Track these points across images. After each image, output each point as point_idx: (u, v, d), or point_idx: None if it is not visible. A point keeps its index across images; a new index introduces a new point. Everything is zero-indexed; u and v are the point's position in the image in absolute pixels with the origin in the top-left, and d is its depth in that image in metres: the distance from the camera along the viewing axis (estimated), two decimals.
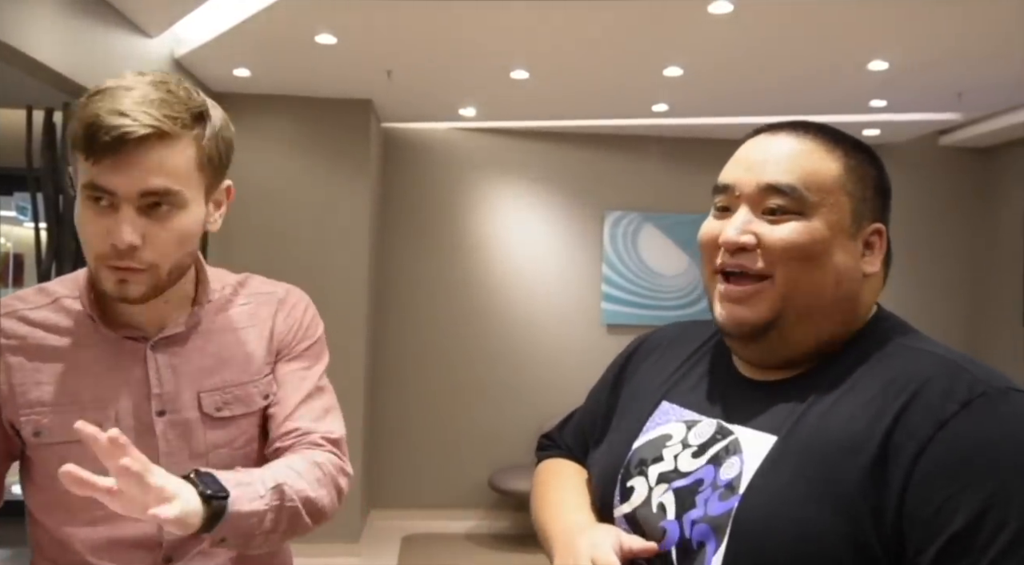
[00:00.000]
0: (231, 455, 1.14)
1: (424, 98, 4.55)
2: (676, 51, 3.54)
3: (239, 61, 3.86)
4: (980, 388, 0.79)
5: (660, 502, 0.91)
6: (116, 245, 1.00)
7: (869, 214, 0.91)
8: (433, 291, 5.29)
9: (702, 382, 0.99)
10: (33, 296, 1.12)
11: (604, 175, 5.37)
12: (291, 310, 1.24)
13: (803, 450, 0.83)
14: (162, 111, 1.00)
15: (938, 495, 0.75)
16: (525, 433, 5.30)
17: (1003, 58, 3.49)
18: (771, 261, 0.88)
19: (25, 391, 1.07)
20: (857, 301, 0.90)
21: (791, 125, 0.93)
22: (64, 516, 1.08)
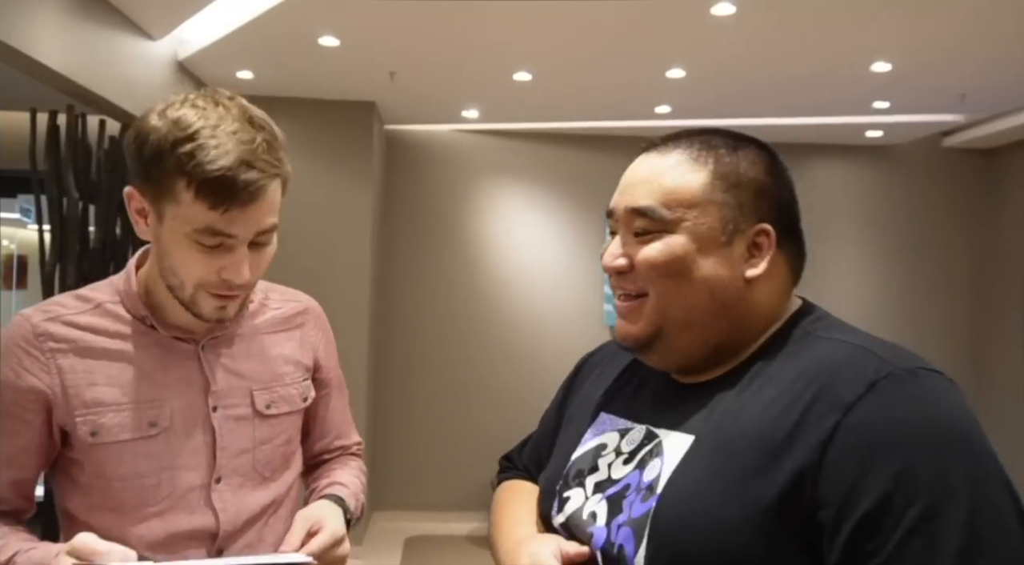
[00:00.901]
0: (272, 451, 1.20)
1: (427, 100, 4.56)
2: (679, 53, 3.54)
3: (242, 63, 3.87)
4: (886, 370, 0.79)
5: (592, 510, 0.93)
6: (231, 279, 1.06)
7: (748, 217, 0.90)
8: (436, 292, 5.29)
9: (638, 391, 1.02)
10: (73, 302, 1.15)
11: (606, 176, 5.31)
12: (317, 320, 1.33)
13: (716, 447, 0.85)
14: (274, 155, 1.05)
15: (847, 479, 0.76)
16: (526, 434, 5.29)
17: (1006, 59, 3.48)
18: (643, 280, 0.92)
19: (80, 392, 1.09)
20: (745, 304, 0.91)
21: (667, 140, 0.96)
22: (115, 514, 1.10)
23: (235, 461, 1.16)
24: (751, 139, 0.97)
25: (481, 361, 5.31)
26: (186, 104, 1.04)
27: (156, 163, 1.02)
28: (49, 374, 1.09)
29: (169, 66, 3.66)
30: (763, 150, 0.96)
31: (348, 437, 1.40)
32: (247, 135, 1.03)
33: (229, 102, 1.06)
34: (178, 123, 1.02)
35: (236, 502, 1.15)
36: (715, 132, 0.96)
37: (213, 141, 1.00)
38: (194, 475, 1.13)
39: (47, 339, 1.10)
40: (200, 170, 1.00)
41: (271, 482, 1.20)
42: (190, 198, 1.01)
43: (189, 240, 1.04)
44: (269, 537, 1.18)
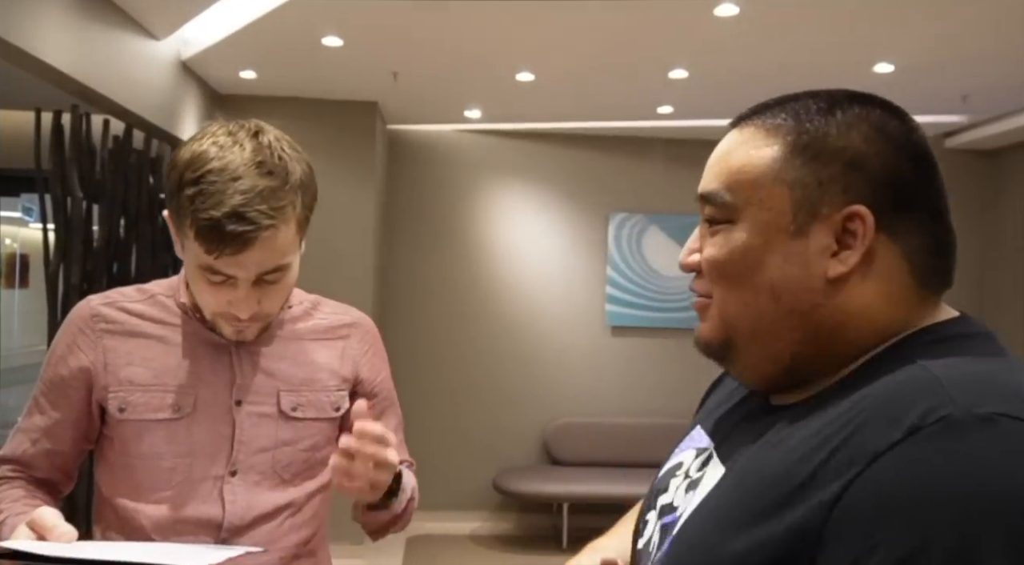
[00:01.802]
0: (294, 454, 1.22)
1: (430, 100, 4.57)
2: (681, 53, 3.55)
3: (246, 63, 3.88)
4: (941, 412, 0.59)
5: (653, 539, 0.81)
6: (236, 314, 1.12)
7: (833, 197, 0.70)
8: (438, 292, 5.30)
9: (737, 406, 0.85)
10: (133, 293, 1.24)
11: (608, 177, 5.38)
12: (365, 335, 1.35)
13: (735, 485, 0.71)
14: (273, 204, 1.07)
15: (847, 555, 0.58)
16: (529, 434, 5.31)
17: (1008, 60, 3.49)
18: (708, 281, 0.77)
19: (117, 369, 1.17)
20: (828, 312, 0.71)
21: (752, 112, 0.79)
22: (132, 493, 1.16)
23: (254, 458, 1.18)
24: (864, 97, 0.75)
25: (483, 361, 5.32)
26: (209, 139, 1.09)
27: (174, 197, 1.09)
28: (95, 351, 1.18)
29: (172, 66, 3.66)
30: (876, 111, 0.73)
31: (400, 454, 1.35)
32: (247, 183, 1.06)
33: (248, 141, 1.09)
34: (193, 161, 1.07)
35: (247, 498, 1.17)
36: (821, 93, 0.76)
37: (213, 188, 1.04)
38: (210, 465, 1.17)
39: (100, 320, 1.19)
40: (196, 216, 1.05)
41: (290, 486, 1.21)
42: (192, 236, 1.07)
43: (198, 272, 1.11)
44: (280, 541, 1.19)
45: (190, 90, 3.94)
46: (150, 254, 3.34)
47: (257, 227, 1.05)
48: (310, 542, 1.25)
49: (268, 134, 1.11)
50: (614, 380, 5.39)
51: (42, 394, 1.20)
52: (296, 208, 1.10)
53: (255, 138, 1.09)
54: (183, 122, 3.81)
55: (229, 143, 1.08)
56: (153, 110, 3.37)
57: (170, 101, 3.66)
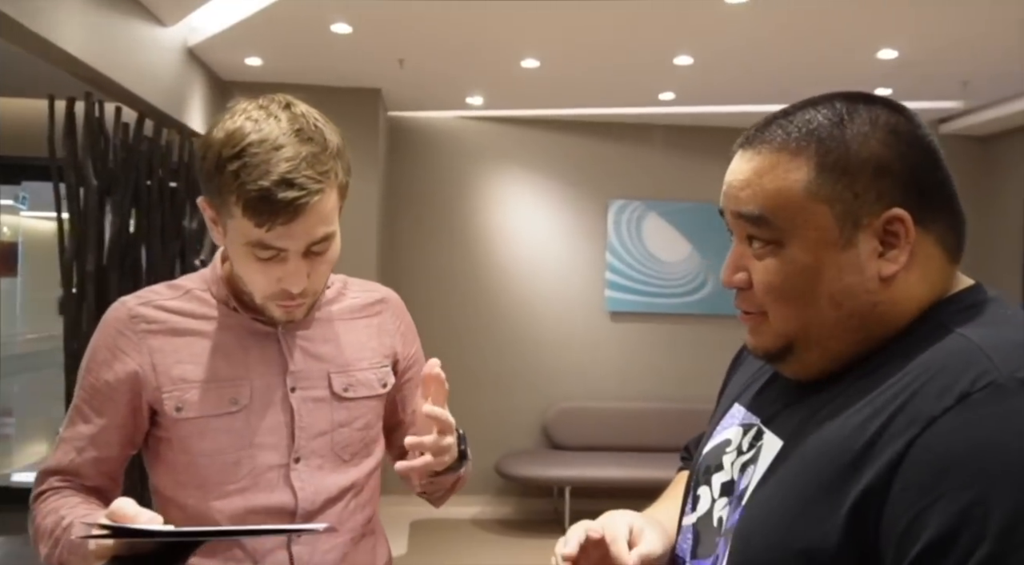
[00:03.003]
0: (350, 434, 1.23)
1: (433, 87, 4.57)
2: (687, 40, 3.57)
3: (252, 50, 3.86)
4: (988, 378, 0.65)
5: (720, 516, 0.86)
6: (289, 289, 1.10)
7: (870, 206, 0.75)
8: (440, 278, 5.32)
9: (772, 381, 0.91)
10: (165, 290, 1.21)
11: (608, 163, 5.40)
12: (397, 311, 1.35)
13: (795, 457, 0.76)
14: (319, 169, 1.06)
15: (911, 509, 0.64)
16: (531, 419, 5.36)
17: (1008, 47, 3.54)
18: (761, 302, 0.81)
19: (167, 369, 1.15)
20: (884, 307, 0.77)
21: (762, 127, 0.82)
22: (200, 491, 1.16)
23: (313, 442, 1.19)
24: (864, 99, 0.80)
25: (485, 347, 5.35)
26: (242, 115, 1.07)
27: (213, 178, 1.07)
28: (141, 353, 1.16)
29: (179, 53, 3.65)
30: (882, 112, 0.78)
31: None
32: (291, 151, 1.05)
33: (282, 112, 1.08)
34: (230, 138, 1.05)
35: (315, 482, 1.18)
36: (818, 103, 0.80)
37: (256, 159, 1.03)
38: (273, 454, 1.17)
39: (140, 321, 1.17)
40: (243, 189, 1.03)
41: (350, 466, 1.22)
42: (239, 214, 1.05)
43: (246, 251, 1.09)
44: (348, 521, 1.21)
45: (195, 77, 3.92)
46: (160, 243, 3.34)
47: (307, 192, 1.04)
48: (372, 520, 1.27)
49: (299, 105, 1.10)
50: (614, 365, 5.44)
51: (84, 401, 1.17)
52: (338, 174, 1.10)
53: (288, 109, 1.08)
54: (189, 109, 3.80)
55: (264, 116, 1.06)
56: (161, 98, 3.36)
57: (177, 88, 3.64)
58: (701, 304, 5.43)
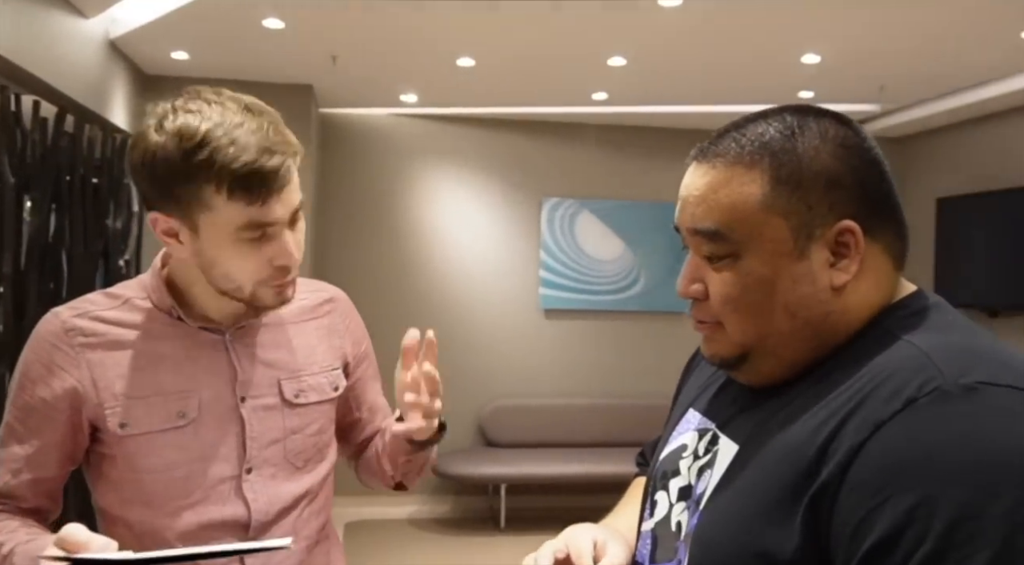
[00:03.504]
0: (303, 441, 1.20)
1: (366, 84, 4.52)
2: (622, 42, 3.62)
3: (179, 44, 3.75)
4: (933, 384, 0.68)
5: (678, 521, 0.87)
6: (286, 266, 1.07)
7: (823, 218, 0.77)
8: (372, 277, 5.26)
9: (726, 387, 0.92)
10: (102, 299, 1.16)
11: (542, 162, 5.44)
12: (346, 310, 1.34)
13: (752, 461, 0.78)
14: (285, 134, 1.05)
15: (859, 511, 0.66)
16: (465, 418, 5.35)
17: (922, 53, 3.71)
18: (717, 313, 0.82)
19: (109, 384, 1.10)
20: (836, 316, 0.79)
21: (716, 141, 0.83)
22: (147, 508, 1.11)
23: (266, 451, 1.16)
24: (814, 113, 0.81)
25: None
26: (179, 112, 1.03)
27: (176, 179, 1.02)
28: (79, 368, 1.10)
29: (101, 46, 3.51)
30: (831, 126, 0.80)
31: (387, 418, 1.43)
32: (253, 123, 1.03)
33: (217, 97, 1.05)
34: (182, 133, 1.01)
35: (268, 493, 1.16)
36: (768, 116, 0.81)
37: (226, 139, 1.00)
38: (224, 466, 1.13)
39: (76, 334, 1.11)
40: (226, 171, 1.00)
41: (304, 473, 1.20)
42: (223, 201, 1.02)
43: (233, 241, 1.05)
44: (303, 529, 1.19)
45: (118, 71, 3.79)
46: (83, 243, 3.22)
47: (287, 155, 1.03)
48: (326, 525, 1.26)
49: (221, 91, 1.07)
50: (548, 362, 5.48)
51: (18, 421, 1.10)
52: (296, 140, 1.09)
53: (220, 94, 1.05)
54: (112, 104, 3.67)
55: (201, 106, 1.03)
56: (82, 92, 3.23)
57: (99, 82, 3.51)
58: (634, 301, 5.52)
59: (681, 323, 5.55)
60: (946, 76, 4.12)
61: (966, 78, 4.16)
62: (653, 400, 5.42)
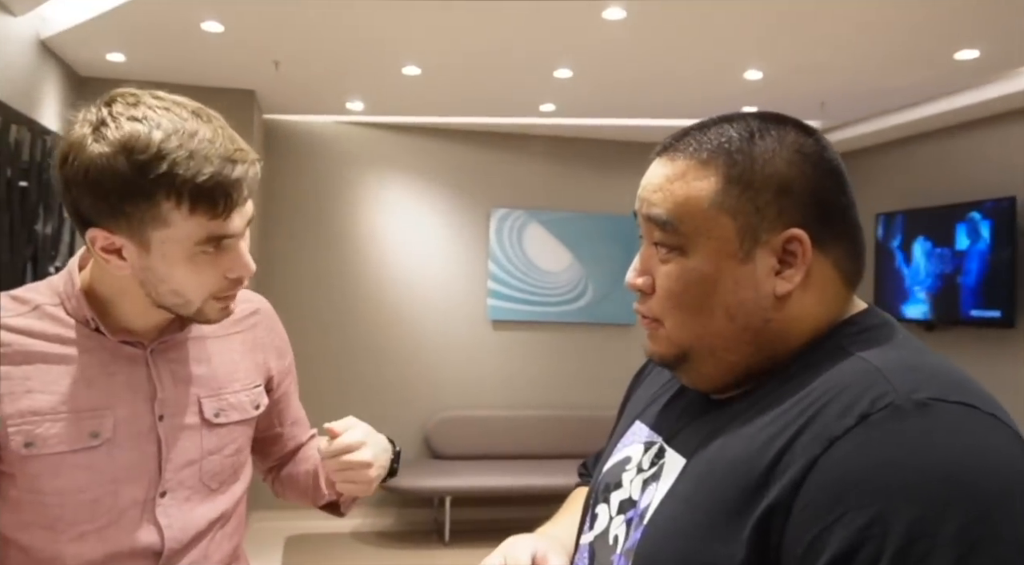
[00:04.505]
0: (220, 462, 1.14)
1: (311, 90, 4.45)
2: (567, 53, 3.63)
3: (114, 45, 3.65)
4: (886, 400, 0.67)
5: (616, 534, 0.85)
6: (241, 277, 1.02)
7: (771, 223, 0.77)
8: (316, 287, 5.18)
9: (674, 399, 0.92)
10: (9, 303, 1.05)
11: (490, 172, 5.42)
12: (270, 322, 1.27)
13: (698, 475, 0.76)
14: (238, 141, 0.99)
15: (812, 528, 0.65)
16: (410, 430, 5.29)
17: (861, 71, 3.78)
18: (658, 308, 0.82)
19: (14, 400, 1.01)
20: (776, 325, 0.78)
21: (680, 136, 0.83)
22: (48, 532, 1.03)
23: (181, 473, 1.09)
24: (776, 119, 0.81)
25: (364, 355, 5.25)
26: (121, 119, 0.94)
27: (126, 195, 0.94)
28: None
29: (31, 45, 3.40)
30: (791, 133, 0.80)
31: (308, 430, 1.40)
32: (208, 131, 0.96)
33: (163, 102, 0.97)
34: (132, 145, 0.92)
35: (182, 517, 1.09)
36: (733, 120, 0.81)
37: (183, 152, 0.93)
38: (137, 489, 1.06)
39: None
40: (189, 185, 0.93)
41: (218, 495, 1.14)
42: (183, 216, 0.95)
43: (188, 256, 0.98)
44: (215, 554, 1.13)
45: (49, 72, 3.67)
46: (9, 248, 3.09)
47: (248, 163, 0.98)
48: (238, 548, 1.20)
49: (160, 94, 0.99)
50: (496, 373, 5.45)
51: None
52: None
53: (159, 99, 0.97)
54: (42, 105, 3.54)
55: (148, 112, 0.94)
56: (9, 92, 3.11)
57: (28, 83, 3.39)
58: (582, 312, 5.52)
59: (628, 335, 5.58)
60: (885, 94, 4.21)
61: (904, 97, 4.26)
62: (600, 412, 5.42)
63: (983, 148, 4.30)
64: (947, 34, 3.22)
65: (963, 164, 4.43)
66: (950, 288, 4.28)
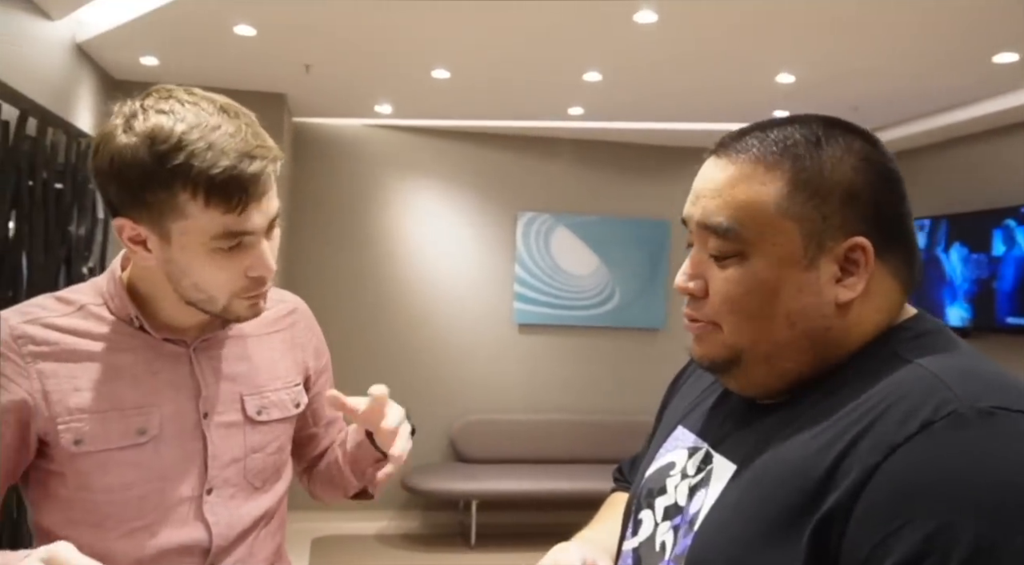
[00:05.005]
0: (264, 459, 1.15)
1: (340, 94, 4.48)
2: (598, 57, 3.61)
3: (148, 49, 3.69)
4: (949, 408, 0.66)
5: (663, 541, 0.85)
6: (262, 277, 1.02)
7: (835, 231, 0.76)
8: (344, 290, 5.20)
9: (718, 404, 0.91)
10: (54, 304, 1.07)
11: (517, 176, 5.41)
12: (308, 322, 1.28)
13: (751, 481, 0.76)
14: (263, 137, 1.00)
15: (874, 536, 0.64)
16: (437, 432, 5.29)
17: (895, 75, 3.73)
18: (715, 313, 0.80)
19: (63, 398, 1.02)
20: (835, 332, 0.78)
21: (738, 137, 0.81)
22: (97, 529, 1.04)
23: (226, 470, 1.10)
24: (841, 125, 0.80)
25: (391, 359, 5.26)
26: (150, 112, 0.97)
27: (147, 184, 0.96)
28: (29, 379, 1.02)
29: (67, 49, 3.45)
30: (856, 140, 0.79)
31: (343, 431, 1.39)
32: (231, 126, 0.97)
33: (192, 97, 0.99)
34: (155, 135, 0.95)
35: (228, 514, 1.10)
36: (795, 122, 0.80)
37: (203, 143, 0.94)
38: (184, 486, 1.07)
39: (27, 342, 1.02)
40: (204, 177, 0.94)
41: (262, 493, 1.15)
42: (199, 208, 0.96)
43: (207, 250, 0.99)
44: (260, 552, 1.14)
45: (84, 75, 3.72)
46: (43, 249, 3.14)
47: (267, 160, 0.98)
48: (280, 547, 1.21)
49: (193, 90, 1.01)
50: (521, 377, 5.44)
51: None
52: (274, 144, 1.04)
53: (190, 94, 1.00)
54: (77, 108, 3.59)
55: (176, 105, 0.97)
56: (46, 95, 3.16)
57: (64, 86, 3.44)
58: (608, 317, 5.50)
59: (654, 340, 5.55)
60: (919, 98, 4.15)
61: (938, 101, 4.19)
62: (626, 417, 5.39)
63: (1018, 154, 4.22)
64: (986, 37, 3.16)
65: (999, 169, 4.35)
66: (986, 294, 4.20)
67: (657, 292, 5.53)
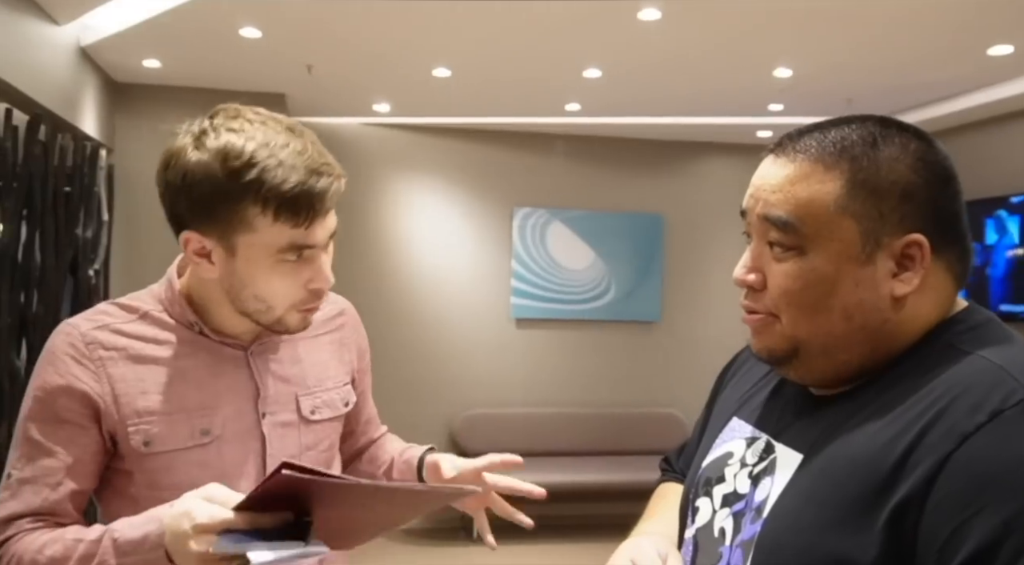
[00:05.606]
0: (316, 457, 1.19)
1: (339, 93, 4.50)
2: (599, 54, 3.66)
3: (151, 52, 3.70)
4: (1018, 396, 0.69)
5: (722, 526, 0.88)
6: (321, 288, 1.07)
7: (892, 228, 0.79)
8: (344, 286, 5.13)
9: (773, 396, 0.94)
10: (118, 311, 1.12)
11: (513, 172, 5.45)
12: (355, 323, 1.34)
13: (821, 470, 0.78)
14: (327, 155, 1.05)
15: (951, 521, 0.67)
16: (436, 427, 5.33)
17: (887, 69, 3.80)
18: (774, 305, 0.83)
19: (131, 401, 1.07)
20: (892, 325, 0.81)
21: (797, 137, 0.84)
22: None
23: None
24: (896, 125, 0.83)
25: (390, 355, 5.29)
26: (221, 130, 1.01)
27: (218, 199, 1.00)
28: (99, 382, 1.06)
29: (72, 53, 3.45)
30: (912, 140, 0.82)
31: (379, 428, 1.46)
32: (299, 144, 1.02)
33: (260, 117, 1.04)
34: (228, 152, 0.99)
35: None
36: (852, 122, 0.83)
37: (273, 160, 0.99)
38: (244, 484, 1.11)
39: (97, 347, 1.07)
40: (275, 193, 0.99)
41: None
42: (267, 222, 1.01)
43: (271, 262, 1.04)
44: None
45: (87, 79, 3.71)
46: (53, 252, 3.15)
47: (334, 177, 1.04)
48: None
49: (259, 110, 1.06)
50: (520, 372, 5.49)
51: (43, 435, 1.05)
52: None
53: (258, 113, 1.05)
54: (83, 112, 3.59)
55: (242, 125, 1.01)
56: (54, 100, 3.16)
57: (70, 90, 3.44)
58: (605, 310, 5.55)
59: (651, 332, 5.61)
60: (912, 90, 4.22)
61: (931, 93, 4.27)
62: (624, 409, 5.46)
63: (1010, 144, 4.31)
64: (981, 30, 3.23)
65: (991, 159, 4.44)
66: (979, 283, 4.29)
67: (652, 285, 5.59)
